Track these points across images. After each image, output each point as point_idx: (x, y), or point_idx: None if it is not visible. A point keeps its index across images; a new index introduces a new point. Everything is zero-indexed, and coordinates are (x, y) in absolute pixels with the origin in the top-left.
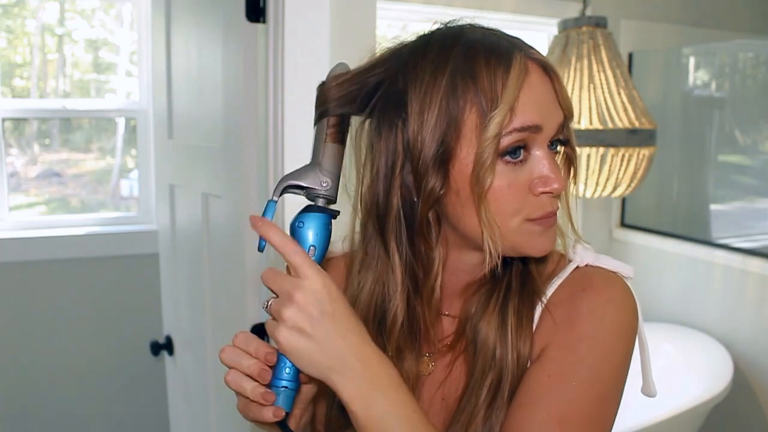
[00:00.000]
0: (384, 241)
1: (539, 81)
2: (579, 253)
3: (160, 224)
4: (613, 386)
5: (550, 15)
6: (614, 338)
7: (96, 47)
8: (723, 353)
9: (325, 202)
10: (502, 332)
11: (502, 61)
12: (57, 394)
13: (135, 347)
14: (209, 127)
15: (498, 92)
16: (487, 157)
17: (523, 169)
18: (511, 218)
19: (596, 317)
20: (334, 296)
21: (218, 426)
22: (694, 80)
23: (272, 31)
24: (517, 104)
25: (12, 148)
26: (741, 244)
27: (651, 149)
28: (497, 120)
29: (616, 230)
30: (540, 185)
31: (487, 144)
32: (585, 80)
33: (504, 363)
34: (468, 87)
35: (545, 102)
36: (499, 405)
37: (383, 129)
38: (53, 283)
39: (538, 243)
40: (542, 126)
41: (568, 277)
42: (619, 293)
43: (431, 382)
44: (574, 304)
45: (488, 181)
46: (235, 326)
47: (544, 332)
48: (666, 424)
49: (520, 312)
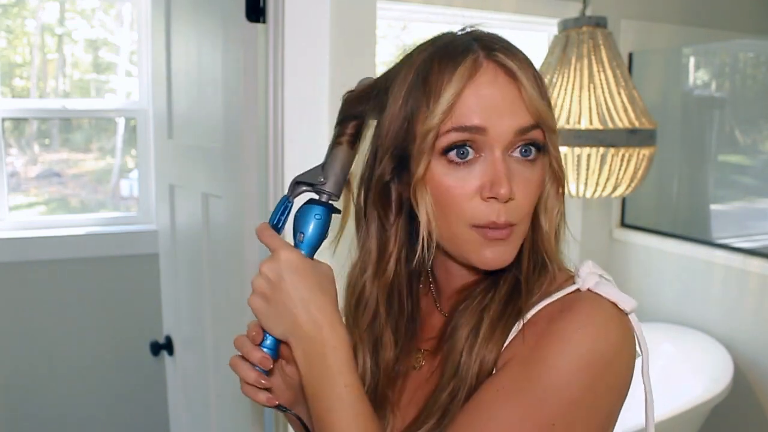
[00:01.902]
0: (366, 221)
1: (490, 83)
2: (582, 276)
3: (160, 224)
4: (567, 423)
5: (550, 15)
6: (575, 370)
7: (96, 47)
8: (723, 353)
9: (326, 198)
10: (472, 339)
11: (450, 63)
12: (57, 394)
13: (135, 347)
14: (209, 127)
15: (440, 91)
16: (421, 150)
17: (471, 171)
18: (457, 221)
19: (563, 340)
20: (296, 268)
21: (218, 426)
22: (694, 80)
23: (272, 31)
24: (458, 104)
25: (12, 148)
26: (741, 244)
27: (651, 149)
28: (433, 115)
29: (616, 230)
30: (486, 189)
31: (423, 138)
32: (585, 80)
33: (467, 369)
34: (421, 87)
35: (494, 104)
36: (455, 408)
37: (376, 126)
38: (53, 283)
39: (486, 254)
40: (486, 128)
41: (562, 297)
42: (602, 323)
43: (417, 377)
44: (548, 323)
45: (420, 173)
46: (235, 326)
47: (513, 346)
48: (666, 424)
49: (494, 323)
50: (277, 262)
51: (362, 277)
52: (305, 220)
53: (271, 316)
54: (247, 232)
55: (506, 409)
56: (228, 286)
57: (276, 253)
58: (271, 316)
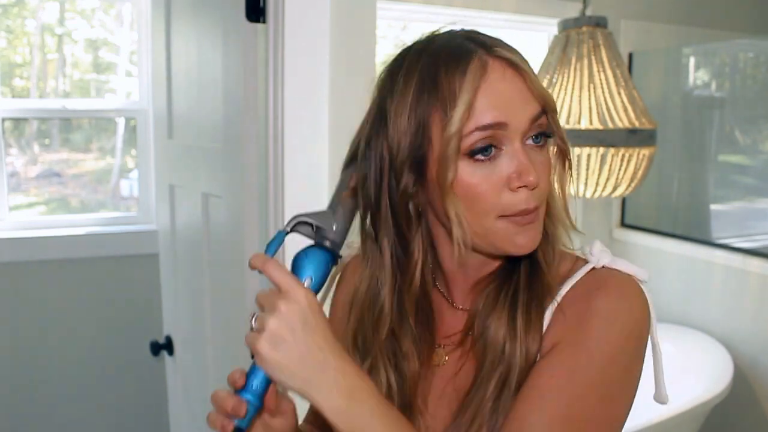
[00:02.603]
0: (377, 239)
1: (501, 78)
2: (596, 255)
3: (160, 224)
4: (621, 389)
5: (550, 15)
6: (624, 340)
7: (96, 47)
8: (723, 353)
9: (331, 246)
10: (511, 328)
11: (459, 65)
12: (57, 394)
13: (135, 347)
14: (209, 127)
15: (456, 94)
16: (447, 156)
17: (496, 165)
18: (486, 215)
19: (607, 318)
20: (316, 310)
21: None
22: (694, 80)
23: (272, 31)
24: (475, 104)
25: (12, 148)
26: (741, 244)
27: (651, 149)
28: (454, 120)
29: (616, 230)
30: (515, 180)
31: (447, 144)
32: (585, 80)
33: (513, 358)
34: (431, 92)
35: (509, 98)
36: (506, 398)
37: (372, 140)
38: (53, 283)
39: (519, 240)
40: (507, 122)
41: (583, 277)
42: (632, 296)
43: (443, 372)
44: (586, 303)
45: (449, 178)
46: (234, 326)
47: (556, 330)
48: (666, 424)
49: (529, 309)
50: (299, 304)
51: (380, 293)
52: (317, 266)
53: (291, 365)
54: (247, 232)
55: (568, 390)
56: (228, 286)
57: (296, 294)
58: (291, 365)
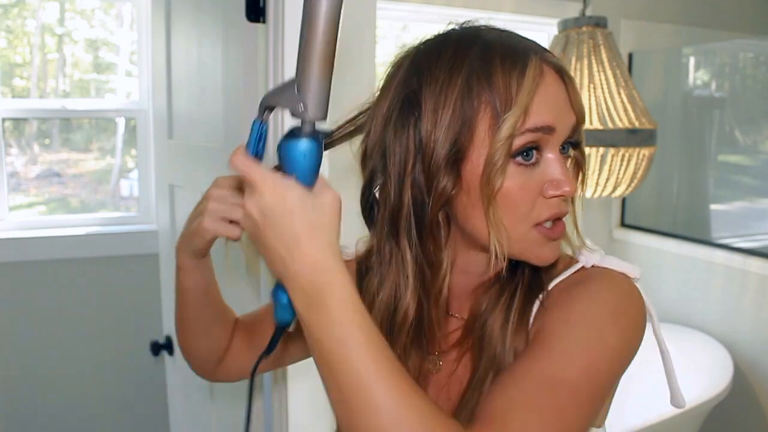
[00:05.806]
0: (396, 240)
1: (553, 83)
2: (586, 255)
3: (160, 224)
4: (606, 365)
5: (550, 15)
6: (607, 318)
7: (96, 47)
8: (723, 353)
9: (310, 129)
10: (503, 330)
11: (518, 63)
12: (57, 394)
13: (135, 347)
14: (209, 127)
15: (513, 94)
16: (498, 159)
17: (534, 171)
18: (520, 222)
19: (588, 299)
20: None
21: (218, 426)
22: (694, 80)
23: (272, 31)
24: (531, 106)
25: (12, 148)
26: (741, 244)
27: (651, 149)
28: (511, 121)
29: (616, 230)
30: (551, 188)
31: (499, 145)
32: (585, 80)
33: (503, 360)
34: (483, 88)
35: (559, 104)
36: None
37: (397, 127)
38: (53, 283)
39: (543, 252)
40: (555, 127)
41: (570, 275)
42: (616, 284)
43: (438, 380)
44: (567, 293)
45: (498, 183)
46: None
47: (537, 321)
48: (666, 424)
49: (521, 311)
50: (261, 197)
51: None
52: (293, 159)
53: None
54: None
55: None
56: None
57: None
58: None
